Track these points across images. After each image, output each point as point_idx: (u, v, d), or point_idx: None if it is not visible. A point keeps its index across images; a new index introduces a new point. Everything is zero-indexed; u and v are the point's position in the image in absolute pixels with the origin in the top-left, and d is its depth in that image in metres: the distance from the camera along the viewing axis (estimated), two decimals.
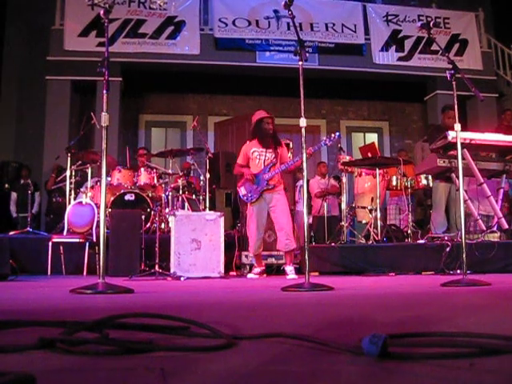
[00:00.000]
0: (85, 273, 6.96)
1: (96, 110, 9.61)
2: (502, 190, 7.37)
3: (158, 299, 3.56)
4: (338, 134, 6.46)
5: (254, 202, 6.47)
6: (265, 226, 6.66)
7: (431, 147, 7.46)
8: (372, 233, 7.92)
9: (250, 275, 6.67)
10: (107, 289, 3.62)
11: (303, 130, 4.27)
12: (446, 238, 6.89)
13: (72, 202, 7.91)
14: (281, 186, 6.54)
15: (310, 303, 3.18)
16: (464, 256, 4.39)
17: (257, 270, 6.68)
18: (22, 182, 10.87)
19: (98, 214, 7.04)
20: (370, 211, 8.31)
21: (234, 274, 7.26)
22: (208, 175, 8.29)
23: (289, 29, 11.36)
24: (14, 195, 10.83)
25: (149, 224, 7.83)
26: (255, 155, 6.57)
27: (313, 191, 10.05)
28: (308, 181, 10.23)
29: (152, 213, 7.89)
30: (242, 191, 6.54)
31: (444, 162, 7.02)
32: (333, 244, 7.81)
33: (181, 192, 7.97)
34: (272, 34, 11.58)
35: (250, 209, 6.57)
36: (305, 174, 4.37)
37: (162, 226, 7.82)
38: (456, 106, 4.70)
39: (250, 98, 13.14)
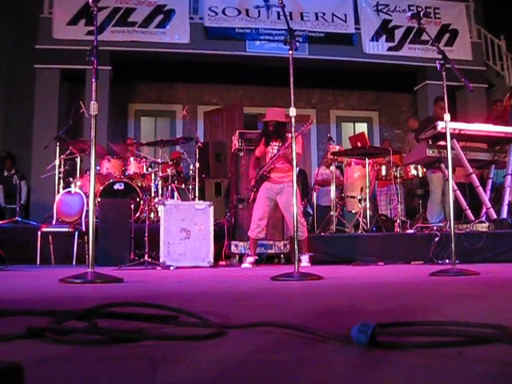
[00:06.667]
0: (74, 262, 6.94)
1: (85, 98, 9.56)
2: (490, 181, 7.42)
3: (148, 288, 3.56)
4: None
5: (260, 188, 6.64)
6: (269, 214, 6.67)
7: (421, 137, 7.47)
8: (361, 222, 7.94)
9: (244, 265, 6.61)
10: (96, 278, 3.61)
11: (293, 120, 4.28)
12: (435, 228, 6.92)
13: (61, 191, 7.88)
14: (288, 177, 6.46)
15: (299, 292, 3.18)
16: (453, 246, 4.41)
17: (250, 259, 6.63)
18: (5, 174, 10.77)
19: (87, 203, 7.02)
20: (360, 201, 8.33)
21: (224, 263, 7.25)
22: (198, 164, 8.27)
23: (279, 18, 11.30)
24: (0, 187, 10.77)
25: (138, 213, 7.81)
26: (268, 149, 6.74)
27: (316, 179, 9.81)
28: (302, 171, 10.25)
29: (141, 202, 7.88)
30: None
31: (433, 152, 7.05)
32: (322, 233, 7.84)
33: (170, 181, 7.95)
34: (262, 23, 11.53)
35: (260, 192, 6.65)
36: (294, 163, 4.40)
37: (152, 215, 7.81)
38: (445, 96, 4.72)
39: (239, 87, 13.10)
